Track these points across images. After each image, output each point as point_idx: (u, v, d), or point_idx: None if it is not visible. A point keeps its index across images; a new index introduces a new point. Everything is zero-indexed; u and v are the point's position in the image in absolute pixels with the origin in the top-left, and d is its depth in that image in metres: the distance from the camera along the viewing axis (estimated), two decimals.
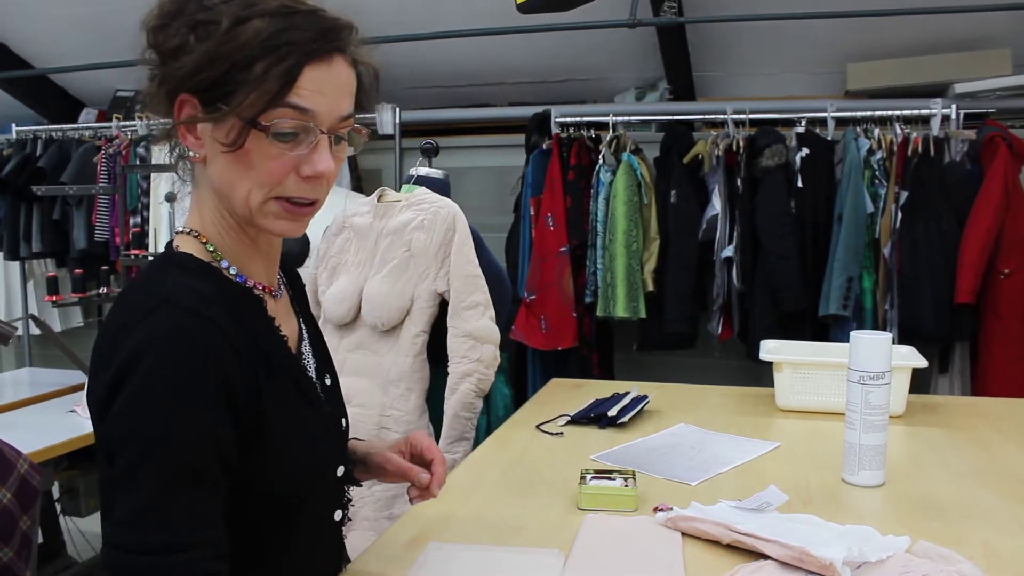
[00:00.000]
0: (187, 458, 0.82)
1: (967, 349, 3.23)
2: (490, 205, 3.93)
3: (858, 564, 1.07)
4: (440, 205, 2.21)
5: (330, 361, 1.16)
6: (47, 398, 2.85)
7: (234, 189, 0.93)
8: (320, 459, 1.02)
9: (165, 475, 0.81)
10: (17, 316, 4.57)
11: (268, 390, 0.93)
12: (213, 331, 0.87)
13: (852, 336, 1.48)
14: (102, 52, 4.22)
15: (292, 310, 1.10)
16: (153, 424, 0.82)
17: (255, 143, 0.90)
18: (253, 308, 0.98)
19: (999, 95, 3.29)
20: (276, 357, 0.97)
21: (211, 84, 0.89)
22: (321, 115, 0.91)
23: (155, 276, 0.93)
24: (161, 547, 0.80)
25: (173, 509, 0.81)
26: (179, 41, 0.90)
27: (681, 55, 3.69)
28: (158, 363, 0.83)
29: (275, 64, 0.88)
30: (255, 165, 0.91)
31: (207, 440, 0.84)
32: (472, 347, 2.14)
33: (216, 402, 0.85)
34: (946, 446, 1.70)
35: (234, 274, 0.98)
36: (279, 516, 0.97)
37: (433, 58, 3.86)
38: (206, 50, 0.88)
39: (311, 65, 0.89)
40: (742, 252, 3.31)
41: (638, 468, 1.51)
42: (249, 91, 0.88)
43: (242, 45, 0.87)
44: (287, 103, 0.89)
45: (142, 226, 4.12)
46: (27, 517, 1.66)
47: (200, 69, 0.88)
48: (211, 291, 0.92)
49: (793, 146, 3.28)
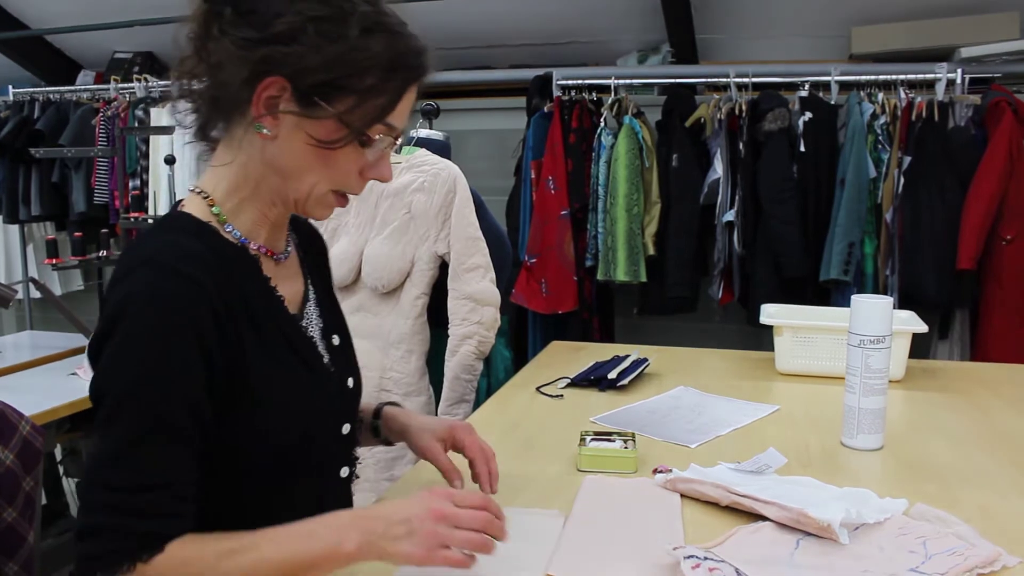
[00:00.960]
0: (157, 411, 0.88)
1: (967, 315, 3.22)
2: (491, 168, 3.92)
3: (856, 526, 1.08)
4: (441, 167, 2.20)
5: (341, 322, 1.17)
6: (48, 361, 2.85)
7: (302, 177, 0.97)
8: (313, 416, 1.04)
9: (136, 425, 0.87)
10: (17, 279, 4.56)
11: (253, 346, 0.96)
12: (190, 289, 0.90)
13: (853, 300, 1.48)
14: (99, 13, 4.17)
15: (300, 271, 1.12)
16: (127, 379, 0.88)
17: (342, 145, 0.95)
18: (247, 268, 1.00)
19: (1005, 59, 3.26)
20: (267, 316, 1.00)
21: (320, 83, 0.92)
22: (400, 132, 0.99)
23: (149, 235, 0.97)
24: (127, 486, 0.86)
25: (142, 455, 0.87)
26: (293, 26, 0.91)
27: (684, 18, 3.65)
28: (132, 322, 0.88)
29: (388, 82, 0.94)
30: (335, 165, 0.97)
31: (176, 394, 0.89)
32: (472, 309, 2.14)
33: (188, 359, 0.89)
34: (945, 411, 1.71)
35: (236, 236, 1.01)
36: (281, 470, 1.00)
37: (434, 20, 3.81)
38: (334, 52, 0.91)
39: (411, 87, 0.97)
40: (743, 216, 3.30)
41: (638, 430, 1.52)
42: (359, 101, 0.93)
43: (369, 57, 0.92)
44: (388, 123, 0.96)
45: (141, 189, 4.10)
46: (30, 478, 1.67)
47: (319, 68, 0.91)
48: (199, 250, 0.94)
49: (796, 110, 3.26)
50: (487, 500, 0.95)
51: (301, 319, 1.08)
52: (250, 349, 0.96)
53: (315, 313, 1.11)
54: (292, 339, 1.03)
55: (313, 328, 1.10)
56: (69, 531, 2.89)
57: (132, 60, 4.52)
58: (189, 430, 0.90)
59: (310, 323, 1.09)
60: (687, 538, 1.10)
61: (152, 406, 0.87)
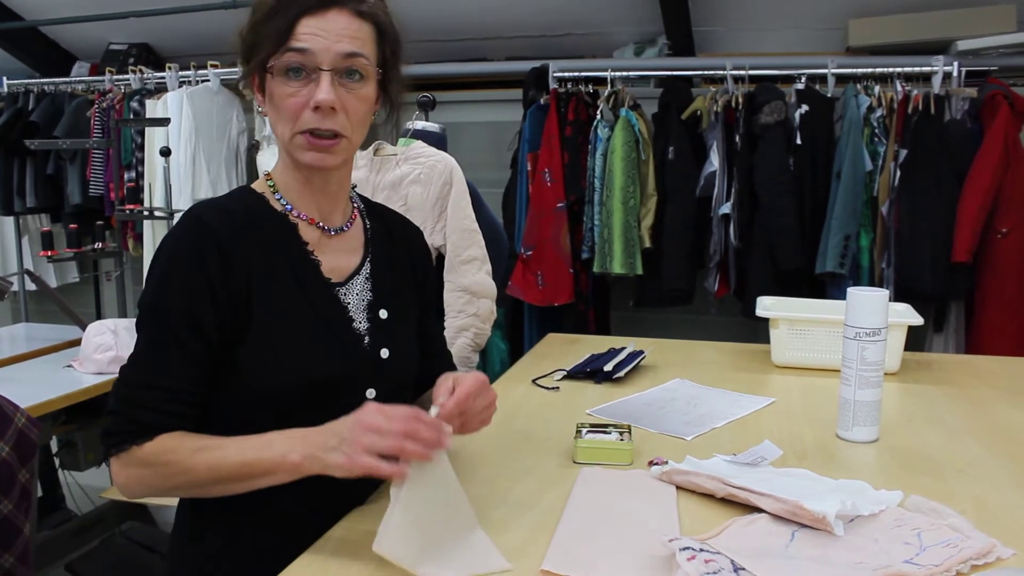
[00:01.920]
0: (164, 322, 1.08)
1: (963, 308, 3.23)
2: (487, 160, 3.91)
3: (851, 518, 1.08)
4: (437, 159, 2.20)
5: (398, 300, 1.27)
6: (44, 353, 2.84)
7: (275, 130, 1.15)
8: (318, 369, 1.14)
9: (149, 333, 1.10)
10: (12, 271, 4.55)
11: (263, 292, 1.12)
12: (202, 232, 1.10)
13: (849, 292, 1.48)
14: (95, 4, 4.16)
15: (361, 247, 1.26)
16: (148, 296, 1.11)
17: (275, 86, 1.12)
18: (283, 231, 1.18)
19: (1002, 52, 3.26)
20: (293, 273, 1.15)
21: (246, 50, 1.14)
22: (319, 53, 1.09)
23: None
24: (136, 382, 1.09)
25: (153, 360, 1.09)
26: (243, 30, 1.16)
27: (680, 10, 3.65)
28: (158, 254, 1.12)
29: (279, 20, 1.09)
30: (278, 105, 1.12)
31: (179, 310, 1.08)
32: (468, 301, 2.14)
33: (195, 287, 1.08)
34: (940, 403, 1.71)
35: (283, 204, 1.19)
36: (285, 413, 1.10)
37: (430, 12, 3.81)
38: (244, 26, 1.14)
39: (307, 16, 1.09)
40: (740, 209, 3.30)
41: (633, 422, 1.52)
42: (263, 45, 1.11)
43: (259, 9, 1.12)
44: (289, 47, 1.09)
45: (137, 181, 4.09)
46: (26, 470, 1.67)
47: (241, 41, 1.15)
48: (236, 208, 1.16)
49: (792, 103, 3.26)
50: (416, 411, 1.00)
51: (339, 286, 1.20)
52: (258, 293, 1.11)
53: (365, 287, 1.23)
54: (314, 298, 1.16)
55: (354, 298, 1.21)
56: (65, 523, 2.89)
57: (127, 51, 4.50)
58: (192, 344, 1.08)
59: (351, 293, 1.21)
60: (683, 530, 1.10)
61: (160, 317, 1.08)
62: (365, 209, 1.32)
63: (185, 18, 4.03)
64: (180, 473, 1.05)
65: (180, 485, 1.08)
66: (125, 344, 2.54)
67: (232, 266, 1.10)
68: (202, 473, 1.05)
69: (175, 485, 1.08)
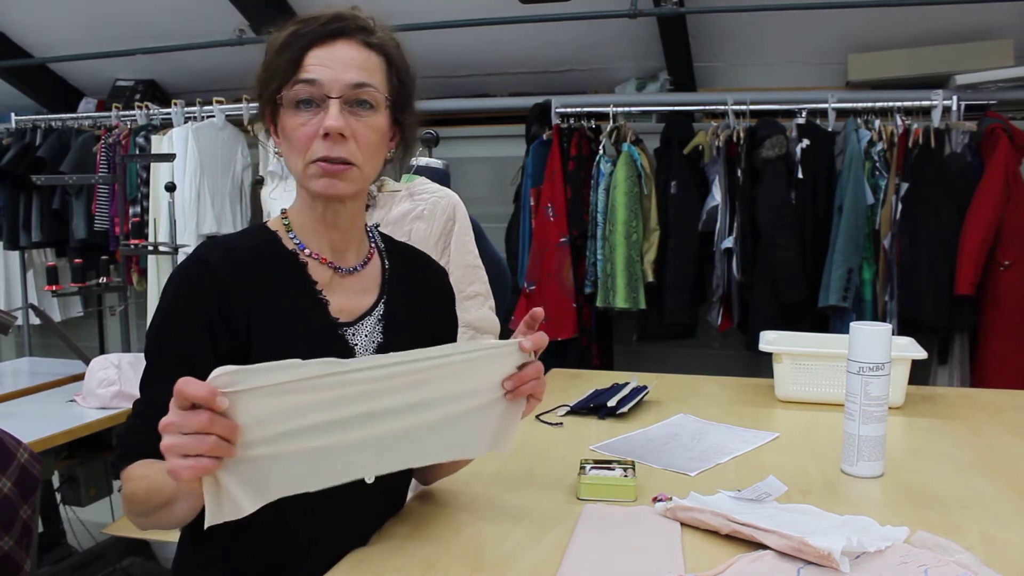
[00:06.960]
0: (163, 357, 1.11)
1: (967, 340, 3.23)
2: (490, 195, 3.93)
3: (857, 554, 1.07)
4: (440, 195, 2.21)
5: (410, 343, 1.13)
6: (47, 387, 2.84)
7: (289, 165, 1.16)
8: None
9: (154, 364, 1.12)
10: (17, 305, 4.56)
11: (263, 332, 1.12)
12: (202, 271, 1.12)
13: (852, 327, 1.48)
14: (102, 42, 4.21)
15: (376, 287, 1.26)
16: (151, 332, 1.14)
17: (286, 119, 1.13)
18: (293, 269, 1.18)
19: (1000, 86, 3.29)
20: (298, 312, 1.16)
21: (260, 87, 1.16)
22: (327, 83, 1.11)
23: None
24: (135, 411, 1.13)
25: (154, 388, 1.09)
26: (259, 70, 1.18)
27: (682, 45, 3.69)
28: (163, 292, 1.15)
29: (289, 53, 1.12)
30: (290, 137, 1.13)
31: (180, 346, 1.10)
32: (472, 337, 2.14)
33: (193, 324, 1.10)
34: (945, 437, 1.70)
35: (296, 243, 1.20)
36: None
37: (434, 47, 3.85)
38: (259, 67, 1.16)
39: (316, 48, 1.12)
40: (742, 243, 3.31)
41: (637, 458, 1.52)
42: (274, 79, 1.13)
43: (271, 47, 1.15)
44: (298, 79, 1.11)
45: (142, 216, 4.11)
46: (27, 506, 1.67)
47: (258, 83, 1.17)
48: (244, 245, 1.18)
49: (794, 137, 3.28)
50: (210, 390, 0.87)
51: (348, 327, 1.19)
52: (258, 330, 1.12)
53: (376, 328, 1.22)
54: (320, 336, 1.16)
55: (362, 339, 1.20)
56: (65, 559, 2.87)
57: (134, 88, 4.55)
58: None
59: (359, 333, 1.21)
60: (687, 567, 1.10)
61: (157, 350, 1.12)
62: (386, 249, 1.32)
63: (191, 55, 4.09)
64: (130, 498, 1.08)
65: (138, 512, 1.08)
66: (129, 379, 2.54)
67: (231, 304, 1.12)
68: (142, 497, 1.05)
69: (136, 513, 1.09)
